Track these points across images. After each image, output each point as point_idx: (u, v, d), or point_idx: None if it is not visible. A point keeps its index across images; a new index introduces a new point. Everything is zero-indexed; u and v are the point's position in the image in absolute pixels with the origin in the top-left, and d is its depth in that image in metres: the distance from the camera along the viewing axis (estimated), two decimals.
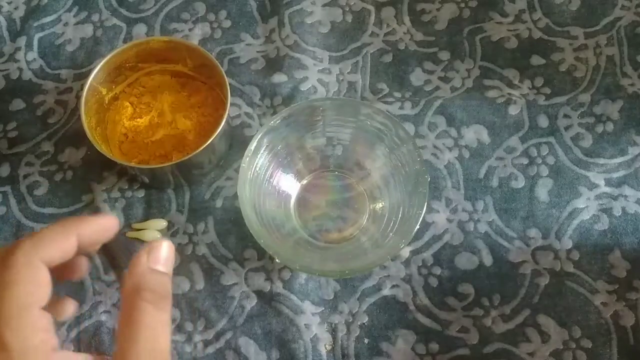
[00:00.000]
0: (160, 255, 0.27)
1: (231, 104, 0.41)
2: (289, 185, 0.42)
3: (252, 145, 0.37)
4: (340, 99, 0.44)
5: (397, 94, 0.46)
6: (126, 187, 0.43)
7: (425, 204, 0.35)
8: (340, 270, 0.36)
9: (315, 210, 0.42)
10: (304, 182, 0.43)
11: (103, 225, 0.29)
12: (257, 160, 0.38)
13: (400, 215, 0.38)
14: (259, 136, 0.37)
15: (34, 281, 0.25)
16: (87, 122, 0.39)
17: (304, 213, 0.42)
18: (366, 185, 0.42)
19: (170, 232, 0.42)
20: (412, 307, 0.39)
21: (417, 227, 0.35)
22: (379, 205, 0.41)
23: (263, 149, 0.38)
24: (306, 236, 0.41)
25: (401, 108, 0.45)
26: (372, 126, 0.39)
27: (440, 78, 0.46)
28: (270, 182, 0.40)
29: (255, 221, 0.36)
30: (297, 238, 0.41)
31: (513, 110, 0.45)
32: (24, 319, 0.24)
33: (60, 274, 0.29)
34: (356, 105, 0.40)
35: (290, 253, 0.38)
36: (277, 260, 0.37)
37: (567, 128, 0.44)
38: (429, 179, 0.42)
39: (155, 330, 0.25)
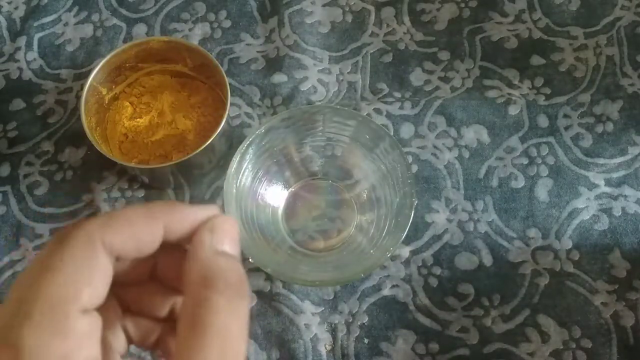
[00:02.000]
0: (227, 233, 0.21)
1: (231, 104, 0.41)
2: (277, 195, 0.42)
3: (235, 159, 0.36)
4: (329, 107, 0.43)
5: (397, 94, 0.46)
6: (126, 187, 0.43)
7: (415, 201, 0.35)
8: (339, 278, 0.36)
9: (303, 219, 0.42)
10: (292, 190, 0.43)
11: (199, 217, 0.21)
12: (241, 173, 0.37)
13: (392, 216, 0.37)
14: (243, 148, 0.37)
15: (88, 265, 0.18)
16: (87, 122, 0.39)
17: (292, 222, 0.42)
18: (354, 192, 0.42)
19: None
20: (412, 307, 0.39)
21: (410, 222, 0.35)
22: (368, 213, 0.41)
23: (246, 162, 0.38)
24: (296, 245, 0.41)
25: (401, 108, 0.45)
26: (361, 135, 0.39)
27: (440, 78, 0.46)
28: (257, 194, 0.40)
29: (245, 238, 0.36)
30: (287, 248, 0.40)
31: (513, 110, 0.45)
32: (50, 319, 0.17)
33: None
34: (346, 114, 0.39)
35: (285, 266, 0.38)
36: (271, 273, 0.36)
37: (567, 128, 0.44)
38: (428, 178, 0.43)
39: (230, 332, 0.18)
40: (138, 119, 0.44)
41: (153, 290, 0.23)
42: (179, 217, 0.20)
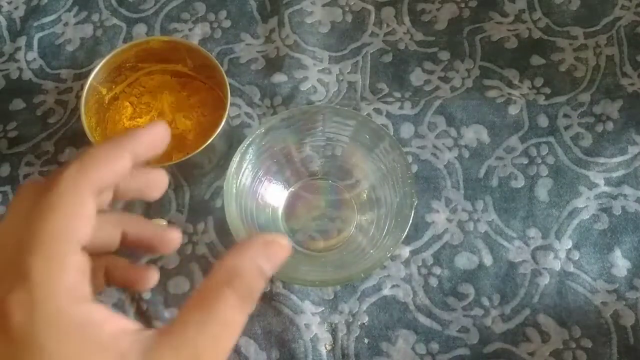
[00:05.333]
0: (276, 257, 0.23)
1: (231, 104, 0.41)
2: (277, 195, 0.42)
3: (236, 159, 0.36)
4: (329, 107, 0.43)
5: (397, 94, 0.46)
6: None
7: (415, 201, 0.35)
8: (339, 278, 0.36)
9: (303, 219, 0.42)
10: (292, 190, 0.43)
11: (156, 136, 0.25)
12: (241, 173, 0.37)
13: (392, 216, 0.37)
14: (243, 148, 0.37)
15: (76, 211, 0.21)
16: (87, 122, 0.39)
17: (292, 222, 0.42)
18: (354, 192, 0.42)
19: None
20: (412, 307, 0.39)
21: (410, 222, 0.35)
22: (368, 213, 0.41)
23: (246, 162, 0.38)
24: (296, 245, 0.41)
25: (401, 108, 0.45)
26: (361, 135, 0.39)
27: (440, 78, 0.46)
28: (257, 194, 0.40)
29: (245, 238, 0.35)
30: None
31: (513, 110, 0.45)
32: (55, 252, 0.20)
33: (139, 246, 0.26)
34: (346, 114, 0.39)
35: (285, 266, 0.38)
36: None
37: (567, 128, 0.44)
38: (428, 178, 0.43)
39: (228, 329, 0.21)
40: (138, 119, 0.44)
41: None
42: (139, 141, 0.24)
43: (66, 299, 0.20)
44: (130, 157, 0.23)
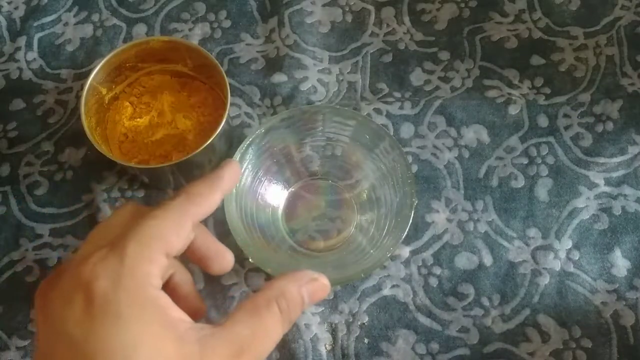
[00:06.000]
0: (317, 293, 0.28)
1: (231, 104, 0.41)
2: (277, 195, 0.42)
3: (236, 159, 0.36)
4: (329, 107, 0.43)
5: (397, 94, 0.46)
6: (126, 187, 0.43)
7: (415, 201, 0.35)
8: (339, 278, 0.36)
9: (303, 219, 0.42)
10: (292, 190, 0.43)
11: (235, 175, 0.31)
12: (241, 173, 0.37)
13: (392, 216, 0.37)
14: (243, 148, 0.37)
15: (176, 227, 0.25)
16: (87, 122, 0.39)
17: (292, 222, 0.42)
18: (354, 192, 0.42)
19: None
20: (412, 307, 0.39)
21: (410, 221, 0.35)
22: (368, 213, 0.41)
23: (246, 162, 0.38)
24: (296, 245, 0.41)
25: (401, 108, 0.45)
26: (361, 135, 0.39)
27: (440, 78, 0.46)
28: (257, 194, 0.40)
29: (245, 238, 0.36)
30: (287, 248, 0.40)
31: (513, 110, 0.45)
32: (148, 246, 0.24)
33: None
34: (346, 114, 0.39)
35: (285, 266, 0.38)
36: (271, 273, 0.37)
37: (566, 128, 0.44)
38: (428, 178, 0.43)
39: (269, 336, 0.25)
40: (138, 119, 0.44)
41: None
42: (227, 179, 0.29)
43: (147, 279, 0.24)
44: (221, 195, 0.28)
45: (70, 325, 0.23)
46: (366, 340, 0.39)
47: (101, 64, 0.41)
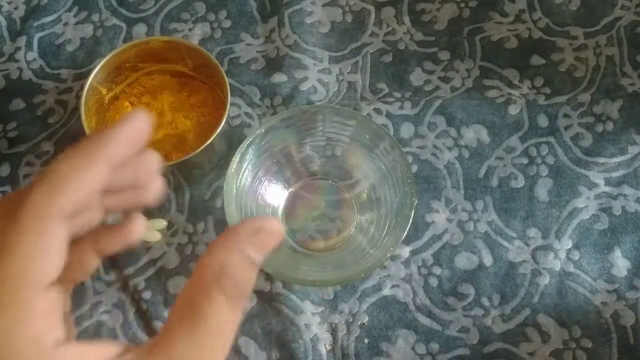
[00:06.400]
0: (267, 242, 0.20)
1: (231, 104, 0.41)
2: (277, 195, 0.42)
3: (236, 159, 0.36)
4: (329, 107, 0.43)
5: (397, 94, 0.46)
6: None
7: (415, 201, 0.35)
8: (339, 278, 0.36)
9: (303, 219, 0.42)
10: (292, 190, 0.43)
11: (134, 131, 0.20)
12: (241, 173, 0.37)
13: (392, 216, 0.37)
14: (243, 148, 0.37)
15: (39, 249, 0.18)
16: (87, 122, 0.39)
17: (292, 222, 0.42)
18: (354, 192, 0.42)
19: (170, 232, 0.42)
20: (412, 307, 0.39)
21: (410, 221, 0.35)
22: (368, 213, 0.41)
23: (246, 162, 0.38)
24: (296, 245, 0.41)
25: (401, 108, 0.45)
26: (361, 135, 0.39)
27: (440, 78, 0.46)
28: (257, 194, 0.40)
29: None
30: (287, 248, 0.40)
31: (513, 110, 0.45)
32: (17, 299, 0.18)
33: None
34: (346, 114, 0.39)
35: (285, 266, 0.38)
36: (271, 273, 0.37)
37: (566, 128, 0.44)
38: (428, 178, 0.43)
39: (221, 335, 0.19)
40: None
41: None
42: (116, 144, 0.20)
43: (35, 352, 0.18)
44: (105, 166, 0.19)
45: None
46: (366, 340, 0.39)
47: (101, 64, 0.41)
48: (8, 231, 0.18)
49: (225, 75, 0.40)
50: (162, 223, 0.42)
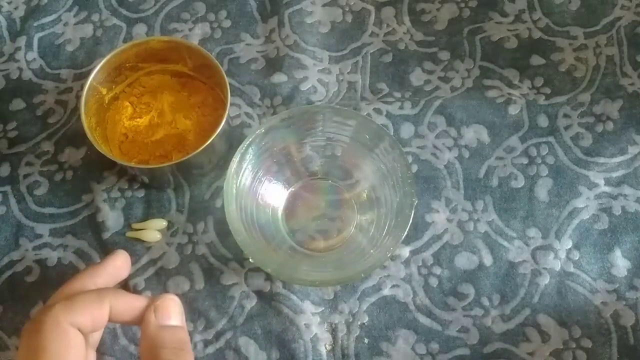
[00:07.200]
0: (169, 311, 0.27)
1: (231, 104, 0.41)
2: (277, 195, 0.42)
3: (236, 159, 0.36)
4: (329, 107, 0.44)
5: (397, 94, 0.46)
6: (126, 187, 0.43)
7: (415, 201, 0.35)
8: (339, 278, 0.36)
9: (303, 219, 0.42)
10: (292, 190, 0.43)
11: (134, 301, 0.29)
12: (241, 173, 0.38)
13: (392, 216, 0.37)
14: (243, 148, 0.37)
15: (64, 344, 0.24)
16: (87, 122, 0.39)
17: (292, 222, 0.42)
18: (354, 192, 0.42)
19: (170, 232, 0.42)
20: (412, 307, 0.39)
21: (410, 221, 0.35)
22: (368, 213, 0.41)
23: (246, 162, 0.38)
24: (296, 245, 0.41)
25: (401, 108, 0.45)
26: (361, 135, 0.39)
27: (440, 78, 0.46)
28: (257, 194, 0.40)
29: (245, 238, 0.36)
30: (287, 248, 0.40)
31: (513, 110, 0.45)
32: None
33: None
34: (346, 114, 0.39)
35: (285, 266, 0.38)
36: (271, 273, 0.37)
37: (566, 128, 0.44)
38: (428, 178, 0.43)
39: None
40: (138, 119, 0.44)
41: None
42: (123, 301, 0.28)
43: None
44: (108, 309, 0.27)
45: None
46: (366, 340, 0.39)
47: (101, 64, 0.41)
48: (34, 339, 0.24)
49: (225, 75, 0.40)
50: (162, 223, 0.42)
